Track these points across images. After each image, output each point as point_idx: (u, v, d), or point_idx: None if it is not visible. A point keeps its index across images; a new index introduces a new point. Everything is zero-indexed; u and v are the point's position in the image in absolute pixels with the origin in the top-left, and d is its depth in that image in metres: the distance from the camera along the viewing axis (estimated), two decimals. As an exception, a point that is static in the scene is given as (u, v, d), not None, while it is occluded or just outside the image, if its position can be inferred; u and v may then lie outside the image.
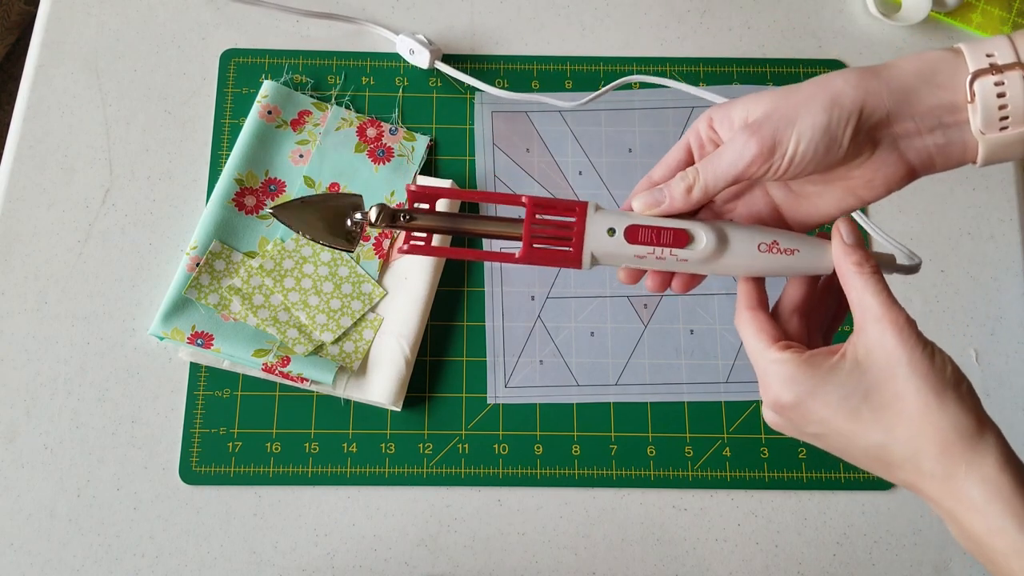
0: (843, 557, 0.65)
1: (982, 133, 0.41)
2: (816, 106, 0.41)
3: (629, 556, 0.64)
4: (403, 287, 0.68)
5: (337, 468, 0.65)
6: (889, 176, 0.43)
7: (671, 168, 0.47)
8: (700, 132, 0.46)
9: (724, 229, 0.44)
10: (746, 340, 0.44)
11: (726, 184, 0.43)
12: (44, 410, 0.65)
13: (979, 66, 0.40)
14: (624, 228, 0.44)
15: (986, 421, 0.38)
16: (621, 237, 0.44)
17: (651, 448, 0.66)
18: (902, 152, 0.42)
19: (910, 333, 0.39)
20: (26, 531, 0.63)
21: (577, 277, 0.70)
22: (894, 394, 0.38)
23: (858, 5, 0.78)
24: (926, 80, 0.41)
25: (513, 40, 0.77)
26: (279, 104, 0.72)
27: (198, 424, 0.65)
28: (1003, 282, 0.71)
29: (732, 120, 0.44)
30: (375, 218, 0.45)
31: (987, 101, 0.40)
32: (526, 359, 0.68)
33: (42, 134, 0.72)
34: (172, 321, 0.64)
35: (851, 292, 0.41)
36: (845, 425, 0.39)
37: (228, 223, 0.68)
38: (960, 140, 0.42)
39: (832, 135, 0.41)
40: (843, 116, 0.41)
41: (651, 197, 0.44)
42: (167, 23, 0.76)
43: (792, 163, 0.41)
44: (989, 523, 0.36)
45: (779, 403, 0.41)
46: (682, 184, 0.43)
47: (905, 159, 0.42)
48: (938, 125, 0.41)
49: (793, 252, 0.44)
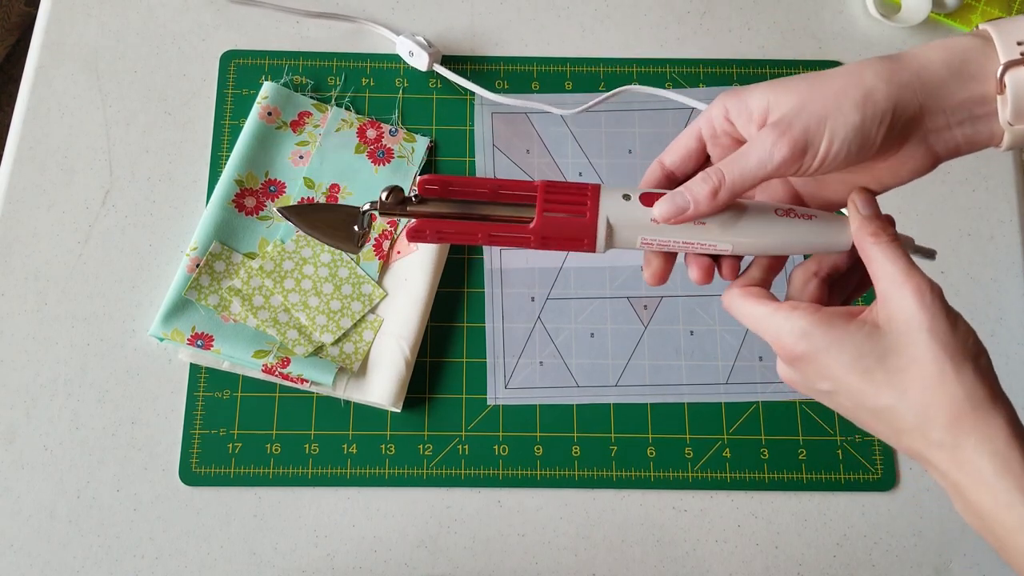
0: (843, 558, 0.65)
1: (1010, 124, 0.40)
2: (848, 103, 0.40)
3: (629, 557, 0.64)
4: (403, 288, 0.68)
5: (337, 469, 0.65)
6: (916, 167, 0.42)
7: (681, 155, 0.46)
8: (714, 122, 0.44)
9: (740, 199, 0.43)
10: (745, 311, 0.42)
11: (753, 185, 0.41)
12: (44, 411, 0.65)
13: (1011, 56, 0.39)
14: (639, 194, 0.43)
15: (1000, 395, 0.37)
16: (636, 201, 0.43)
17: (651, 449, 0.66)
18: (930, 145, 0.41)
19: (933, 299, 0.38)
20: (26, 532, 0.63)
21: (577, 277, 0.70)
22: (911, 358, 0.37)
23: (858, 6, 0.78)
24: (956, 72, 0.40)
25: (513, 41, 0.77)
26: (279, 105, 0.72)
27: (198, 425, 0.65)
28: (1003, 283, 0.71)
29: (751, 112, 0.42)
30: (386, 198, 0.45)
31: (1018, 92, 0.39)
32: (526, 360, 0.68)
33: (42, 135, 0.72)
34: (172, 322, 0.64)
35: (871, 264, 0.40)
36: (856, 384, 0.38)
37: (228, 224, 0.68)
38: (988, 130, 0.41)
39: (866, 135, 0.40)
40: (876, 114, 0.39)
41: (673, 205, 0.42)
42: (167, 24, 0.76)
43: (823, 164, 0.40)
44: (997, 497, 0.35)
45: (792, 354, 0.40)
46: (706, 187, 0.41)
47: (933, 151, 0.41)
48: (968, 118, 0.40)
49: (810, 217, 0.43)
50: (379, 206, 0.45)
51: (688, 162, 0.46)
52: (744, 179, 0.41)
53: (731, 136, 0.44)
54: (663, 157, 0.46)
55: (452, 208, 0.46)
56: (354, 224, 0.48)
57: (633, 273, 0.70)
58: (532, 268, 0.70)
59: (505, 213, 0.45)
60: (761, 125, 0.42)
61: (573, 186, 0.44)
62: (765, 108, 0.42)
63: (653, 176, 0.47)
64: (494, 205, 0.46)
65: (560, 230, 0.43)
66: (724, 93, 0.44)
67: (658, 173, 0.46)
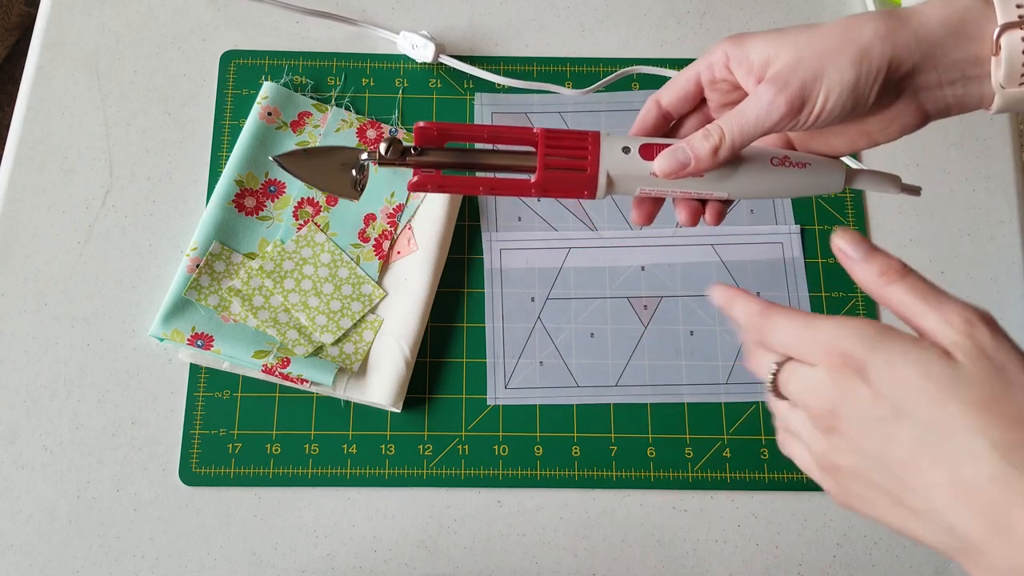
0: (843, 558, 0.65)
1: (1002, 87, 0.40)
2: (844, 60, 0.40)
3: (629, 557, 0.64)
4: (403, 288, 0.68)
5: (337, 469, 0.65)
6: (905, 124, 0.43)
7: (679, 97, 0.46)
8: (714, 69, 0.45)
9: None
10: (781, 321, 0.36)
11: (752, 141, 0.42)
12: (44, 411, 0.65)
13: (1009, 19, 0.39)
14: (638, 146, 0.44)
15: None
16: (636, 154, 0.44)
17: (651, 449, 0.66)
18: (921, 102, 0.42)
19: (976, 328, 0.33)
20: (26, 532, 0.63)
21: (577, 277, 0.70)
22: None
23: (858, 6, 0.78)
24: (953, 31, 0.40)
25: (513, 41, 0.77)
26: (279, 105, 0.72)
27: (198, 425, 0.65)
28: (1003, 283, 0.71)
29: (751, 63, 0.43)
30: (385, 151, 0.45)
31: (1012, 56, 0.39)
32: (526, 360, 0.68)
33: (42, 135, 0.72)
34: (172, 322, 0.64)
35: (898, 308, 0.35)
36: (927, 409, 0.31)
37: (228, 224, 0.68)
38: (979, 92, 0.41)
39: (860, 92, 0.40)
40: (871, 72, 0.40)
41: (674, 160, 0.43)
42: (167, 24, 0.76)
43: (819, 120, 0.41)
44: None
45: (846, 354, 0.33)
46: (707, 144, 0.42)
47: (923, 108, 0.42)
48: (960, 78, 0.41)
49: (804, 166, 0.44)
50: (379, 158, 0.45)
51: (685, 104, 0.47)
52: (744, 136, 0.42)
53: (729, 83, 0.45)
54: (660, 97, 0.47)
55: (452, 158, 0.45)
56: (352, 170, 0.47)
57: (633, 273, 0.70)
58: (532, 268, 0.70)
59: (505, 162, 0.45)
60: (760, 77, 0.42)
61: (573, 136, 0.44)
62: (765, 61, 0.42)
63: (649, 115, 0.47)
64: (494, 153, 0.46)
65: (561, 183, 0.44)
66: (726, 39, 0.44)
67: (654, 112, 0.47)
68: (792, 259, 0.71)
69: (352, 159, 0.47)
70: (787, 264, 0.70)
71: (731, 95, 0.46)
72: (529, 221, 0.71)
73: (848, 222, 0.72)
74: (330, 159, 0.48)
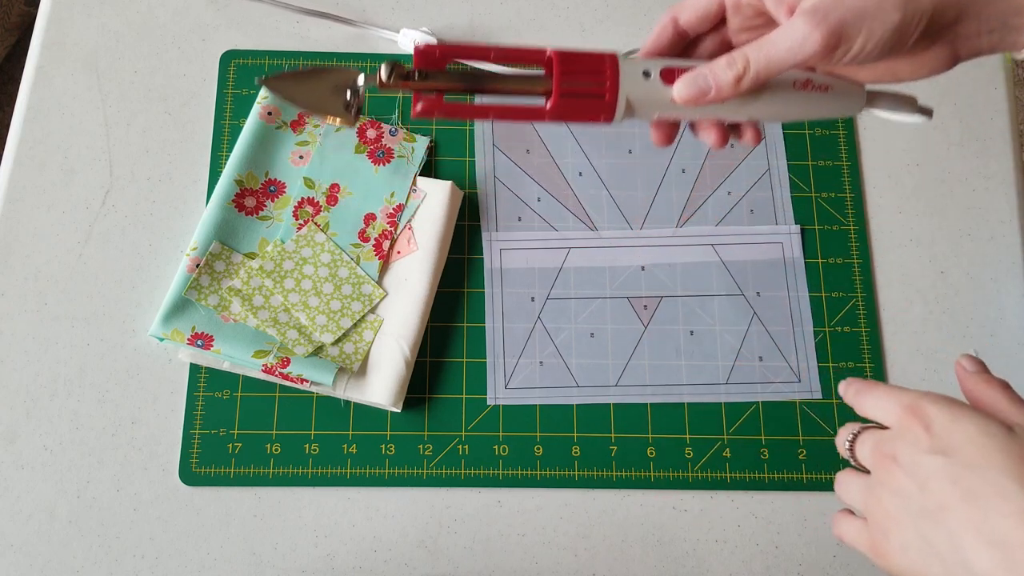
0: (843, 558, 0.64)
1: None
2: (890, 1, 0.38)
3: (629, 557, 0.64)
4: (403, 288, 0.68)
5: (337, 469, 0.65)
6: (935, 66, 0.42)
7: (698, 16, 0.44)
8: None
9: None
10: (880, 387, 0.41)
11: (779, 73, 0.40)
12: (44, 411, 0.65)
13: None
14: (659, 70, 0.42)
15: None
16: (657, 79, 0.42)
17: (651, 449, 0.66)
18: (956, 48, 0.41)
19: None
20: (26, 532, 0.63)
21: (577, 277, 0.70)
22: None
23: None
24: None
25: (513, 41, 0.77)
26: (279, 105, 0.72)
27: (198, 425, 0.65)
28: (1003, 283, 0.71)
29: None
30: (386, 76, 0.42)
31: None
32: (526, 360, 0.68)
33: (42, 135, 0.72)
34: (172, 322, 0.64)
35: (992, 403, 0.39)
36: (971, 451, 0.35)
37: (228, 224, 0.68)
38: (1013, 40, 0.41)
39: (902, 35, 0.39)
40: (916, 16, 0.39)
41: (695, 86, 0.41)
42: (167, 24, 0.76)
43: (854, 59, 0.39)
44: None
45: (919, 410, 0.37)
46: (731, 73, 0.40)
47: (956, 53, 0.41)
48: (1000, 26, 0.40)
49: (827, 89, 0.43)
50: (379, 82, 0.42)
51: (704, 23, 0.45)
52: (770, 68, 0.40)
53: (755, 8, 0.43)
54: (677, 13, 0.45)
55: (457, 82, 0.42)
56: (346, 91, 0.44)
57: (633, 273, 0.70)
58: (532, 268, 0.70)
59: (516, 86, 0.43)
60: (792, 7, 0.41)
61: (590, 59, 0.42)
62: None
63: (665, 33, 0.45)
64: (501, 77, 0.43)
65: (576, 109, 0.42)
66: None
67: (670, 31, 0.45)
68: (792, 259, 0.71)
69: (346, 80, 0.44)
70: (787, 264, 0.70)
71: (754, 20, 0.44)
72: (529, 221, 0.71)
73: (848, 223, 0.72)
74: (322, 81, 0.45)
